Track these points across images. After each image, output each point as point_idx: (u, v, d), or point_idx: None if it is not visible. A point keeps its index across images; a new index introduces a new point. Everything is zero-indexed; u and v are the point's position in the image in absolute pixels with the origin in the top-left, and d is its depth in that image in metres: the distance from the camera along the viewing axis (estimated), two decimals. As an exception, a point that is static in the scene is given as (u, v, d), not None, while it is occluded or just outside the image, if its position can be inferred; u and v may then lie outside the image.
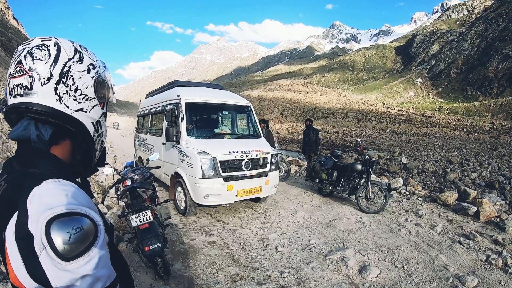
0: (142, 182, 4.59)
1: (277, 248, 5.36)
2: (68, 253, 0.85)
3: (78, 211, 0.91)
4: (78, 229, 0.87)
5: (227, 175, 6.61)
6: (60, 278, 0.86)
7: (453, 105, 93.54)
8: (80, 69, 1.12)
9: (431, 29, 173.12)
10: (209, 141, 7.07)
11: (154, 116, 9.60)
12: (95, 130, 1.20)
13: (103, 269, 0.93)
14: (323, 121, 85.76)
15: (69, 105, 1.09)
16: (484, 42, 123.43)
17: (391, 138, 47.93)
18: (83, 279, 0.88)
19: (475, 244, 5.61)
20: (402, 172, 14.94)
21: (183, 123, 6.98)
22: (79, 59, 1.12)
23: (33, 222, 0.86)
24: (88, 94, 1.15)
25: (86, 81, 1.14)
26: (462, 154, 24.93)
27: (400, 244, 5.64)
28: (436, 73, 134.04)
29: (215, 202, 6.62)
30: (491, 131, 59.52)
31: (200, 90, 8.46)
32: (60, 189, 0.96)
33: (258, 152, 7.10)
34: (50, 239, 0.84)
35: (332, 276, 4.49)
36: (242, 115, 8.89)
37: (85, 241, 0.89)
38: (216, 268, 4.64)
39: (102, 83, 1.21)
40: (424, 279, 4.46)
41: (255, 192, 7.02)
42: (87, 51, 1.18)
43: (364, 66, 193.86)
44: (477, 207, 7.19)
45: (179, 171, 6.95)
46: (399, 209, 7.77)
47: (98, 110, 1.21)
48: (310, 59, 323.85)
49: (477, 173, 14.70)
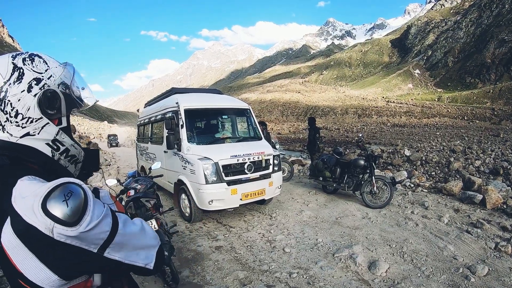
0: (145, 192, 4.58)
1: (284, 249, 5.33)
2: (73, 217, 0.88)
3: (58, 183, 0.91)
4: (69, 194, 0.89)
5: (230, 179, 6.53)
6: (84, 239, 0.91)
7: (452, 94, 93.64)
8: (19, 90, 1.04)
9: (425, 19, 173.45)
10: (210, 147, 7.01)
11: (154, 125, 9.57)
12: (55, 149, 1.14)
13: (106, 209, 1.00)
14: (324, 118, 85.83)
15: (13, 132, 1.04)
16: (479, 29, 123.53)
17: (392, 131, 47.93)
18: (99, 226, 0.94)
19: (483, 232, 5.58)
20: (406, 165, 14.90)
21: (183, 130, 6.94)
22: (17, 78, 1.04)
23: (30, 214, 0.87)
24: (32, 115, 1.07)
25: (27, 102, 1.05)
26: (465, 142, 24.92)
27: (407, 237, 5.61)
28: (433, 63, 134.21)
29: (219, 207, 6.50)
30: (492, 118, 59.49)
31: (199, 96, 8.46)
32: (36, 180, 0.97)
33: (259, 154, 7.03)
34: (53, 217, 0.86)
35: (341, 273, 4.47)
36: (242, 118, 8.81)
37: (80, 200, 0.91)
38: (225, 273, 4.61)
39: (51, 98, 1.10)
40: (434, 271, 4.43)
41: (259, 195, 6.93)
42: (32, 63, 1.09)
43: (361, 61, 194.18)
44: (483, 195, 7.17)
45: (182, 178, 6.88)
46: (405, 202, 7.74)
47: (50, 129, 1.12)
48: (306, 58, 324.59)
49: (481, 160, 14.67)
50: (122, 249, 1.01)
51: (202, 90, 9.96)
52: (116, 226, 1.00)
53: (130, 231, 1.05)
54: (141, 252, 1.08)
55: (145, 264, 1.09)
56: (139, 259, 1.07)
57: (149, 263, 1.10)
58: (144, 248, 1.10)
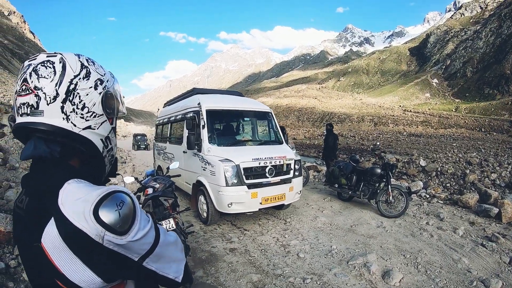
0: (164, 191, 4.61)
1: (298, 255, 5.34)
2: (123, 226, 0.94)
3: (110, 190, 0.97)
4: (121, 204, 0.95)
5: (251, 183, 6.46)
6: (129, 248, 0.98)
7: (470, 105, 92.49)
8: (87, 85, 1.10)
9: (444, 28, 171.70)
10: (231, 148, 6.95)
11: (173, 125, 9.54)
12: (104, 146, 1.20)
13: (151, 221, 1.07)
14: (340, 125, 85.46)
15: (77, 123, 1.08)
16: (499, 39, 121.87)
17: (408, 141, 47.53)
18: (145, 237, 1.01)
19: (498, 246, 5.54)
20: (421, 175, 14.78)
21: (204, 130, 6.89)
22: (85, 75, 1.11)
23: (80, 219, 0.91)
24: (96, 111, 1.13)
25: (94, 98, 1.12)
26: (481, 154, 24.61)
27: (422, 248, 5.59)
28: (451, 73, 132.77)
29: (239, 210, 6.44)
30: (510, 130, 58.58)
31: (220, 97, 8.36)
32: (83, 184, 1.02)
33: (281, 158, 6.96)
34: (105, 225, 0.91)
35: (355, 281, 4.48)
36: (263, 122, 8.72)
37: (130, 210, 0.97)
38: (238, 275, 4.64)
39: (110, 98, 1.19)
40: (447, 283, 4.43)
41: (279, 199, 6.86)
42: (94, 65, 1.16)
43: (379, 68, 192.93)
44: (499, 208, 7.11)
45: (201, 179, 6.82)
46: (420, 212, 7.71)
47: (106, 126, 1.20)
48: (324, 64, 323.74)
49: (497, 173, 14.48)
50: (159, 260, 1.08)
51: (223, 91, 9.87)
52: (158, 238, 1.07)
53: (168, 243, 1.13)
54: (173, 264, 1.16)
55: (175, 277, 1.16)
56: (171, 272, 1.15)
57: (178, 276, 1.18)
58: (176, 261, 1.18)
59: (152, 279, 1.12)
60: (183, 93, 9.76)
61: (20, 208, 1.07)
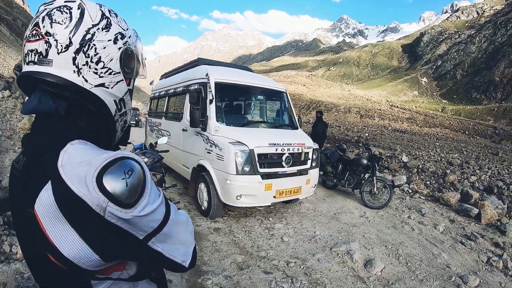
0: (153, 165, 4.54)
1: (282, 238, 5.39)
2: (130, 198, 0.83)
3: (118, 156, 0.86)
4: (129, 172, 0.84)
5: (265, 172, 5.65)
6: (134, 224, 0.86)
7: (456, 107, 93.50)
8: (106, 38, 0.97)
9: (439, 29, 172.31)
10: (242, 129, 6.13)
11: (171, 99, 8.55)
12: (118, 109, 1.07)
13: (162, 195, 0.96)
14: (326, 114, 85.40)
15: (88, 78, 0.95)
16: (492, 46, 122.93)
17: (392, 136, 47.81)
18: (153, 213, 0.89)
19: (477, 245, 5.69)
20: (402, 170, 14.94)
21: (211, 106, 6.00)
22: (105, 26, 0.98)
23: (79, 184, 0.81)
24: (112, 67, 1.01)
25: (111, 53, 0.99)
26: (463, 156, 24.88)
27: (403, 240, 5.71)
28: (441, 74, 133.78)
29: (249, 203, 5.65)
30: (493, 136, 59.42)
31: (230, 70, 7.38)
32: (89, 146, 0.92)
33: (300, 145, 6.16)
34: (109, 195, 0.80)
35: (338, 268, 4.55)
36: (276, 102, 7.87)
37: (140, 180, 0.86)
38: (223, 255, 4.66)
39: (130, 56, 1.06)
40: (427, 276, 4.53)
41: (294, 193, 6.07)
42: (116, 18, 1.03)
43: (370, 62, 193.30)
44: (479, 209, 7.26)
45: (204, 163, 5.97)
46: (402, 206, 7.84)
47: (122, 87, 1.07)
48: (315, 52, 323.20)
49: (477, 176, 14.68)
50: (166, 240, 0.97)
51: (231, 65, 8.67)
52: (168, 216, 0.95)
53: (178, 222, 1.01)
54: (181, 247, 1.03)
55: (182, 261, 1.04)
56: (178, 255, 1.02)
57: (186, 260, 1.05)
58: (185, 243, 1.05)
59: (156, 262, 1.01)
60: (184, 64, 8.75)
61: (16, 169, 0.98)
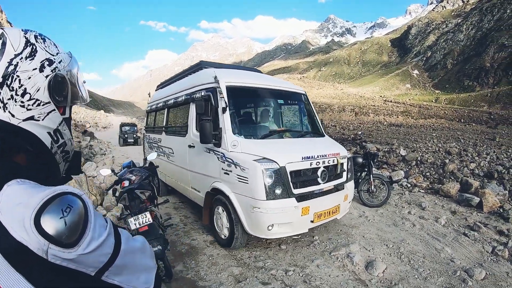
0: (141, 183, 4.46)
1: (280, 246, 5.24)
2: (71, 237, 0.75)
3: (55, 193, 0.77)
4: (67, 209, 0.76)
5: (301, 193, 4.63)
6: (81, 262, 0.77)
7: (450, 96, 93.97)
8: (30, 67, 0.91)
9: (426, 20, 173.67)
10: (266, 142, 5.08)
11: (172, 110, 7.49)
12: (54, 141, 0.99)
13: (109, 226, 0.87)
14: (321, 115, 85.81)
15: (15, 113, 0.89)
16: (480, 32, 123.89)
17: (388, 131, 47.91)
18: (101, 247, 0.80)
19: (480, 236, 5.56)
20: (401, 164, 14.87)
21: (225, 115, 4.93)
22: (30, 54, 0.92)
23: (19, 230, 0.73)
24: (40, 98, 0.94)
25: (38, 82, 0.93)
26: (460, 144, 24.90)
27: (405, 237, 5.57)
28: (432, 65, 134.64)
29: (283, 233, 4.65)
30: (488, 121, 59.63)
31: (241, 72, 6.52)
32: (27, 185, 0.82)
33: (335, 156, 5.16)
34: (48, 236, 0.72)
35: (338, 273, 4.41)
36: (295, 106, 6.70)
37: (80, 216, 0.78)
38: (219, 269, 4.53)
39: (61, 83, 0.99)
40: (431, 272, 4.39)
41: (333, 214, 5.09)
42: (44, 43, 0.97)
43: (360, 59, 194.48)
44: (480, 198, 7.17)
45: (222, 187, 4.89)
46: (402, 202, 7.72)
47: (55, 117, 0.99)
48: (305, 54, 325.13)
49: (476, 163, 14.63)
50: (122, 272, 0.89)
51: (238, 67, 7.80)
52: (119, 247, 0.87)
53: (132, 251, 0.94)
54: (141, 275, 0.96)
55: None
56: (139, 283, 0.95)
57: (149, 287, 0.98)
58: (145, 270, 0.99)
59: None
60: (185, 69, 7.51)
61: None
